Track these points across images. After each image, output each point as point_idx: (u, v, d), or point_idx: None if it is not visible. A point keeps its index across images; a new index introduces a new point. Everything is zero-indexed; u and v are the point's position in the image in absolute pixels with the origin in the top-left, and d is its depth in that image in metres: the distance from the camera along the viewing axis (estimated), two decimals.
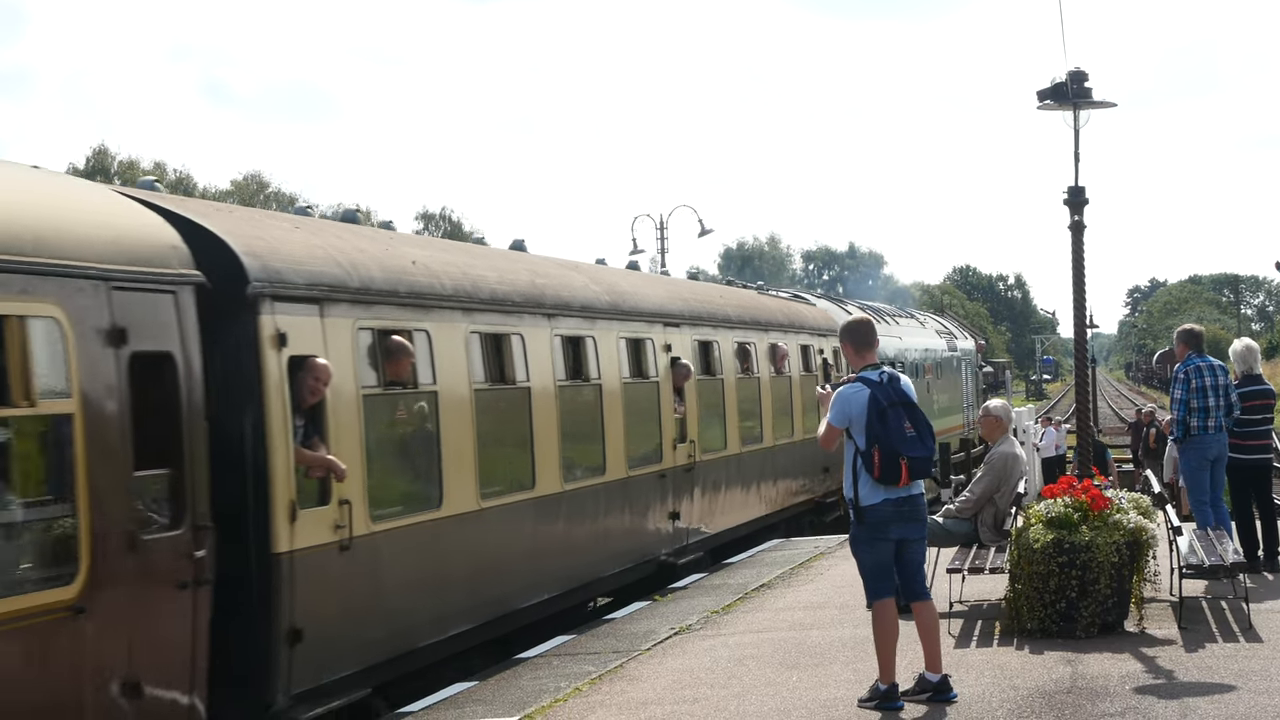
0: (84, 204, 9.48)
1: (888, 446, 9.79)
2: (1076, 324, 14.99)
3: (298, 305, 10.80)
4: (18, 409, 8.00)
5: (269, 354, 10.35)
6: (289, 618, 10.41)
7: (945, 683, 10.10)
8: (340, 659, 11.06)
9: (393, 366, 11.92)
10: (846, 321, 10.56)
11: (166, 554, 9.09)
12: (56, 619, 8.20)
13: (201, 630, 9.37)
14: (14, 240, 8.17)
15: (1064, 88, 14.33)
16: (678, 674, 11.68)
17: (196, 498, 9.35)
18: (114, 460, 8.67)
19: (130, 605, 8.78)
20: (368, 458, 11.37)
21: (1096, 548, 11.84)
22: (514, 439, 14.16)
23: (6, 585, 7.92)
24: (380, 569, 11.55)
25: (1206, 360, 15.04)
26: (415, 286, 12.59)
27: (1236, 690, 10.04)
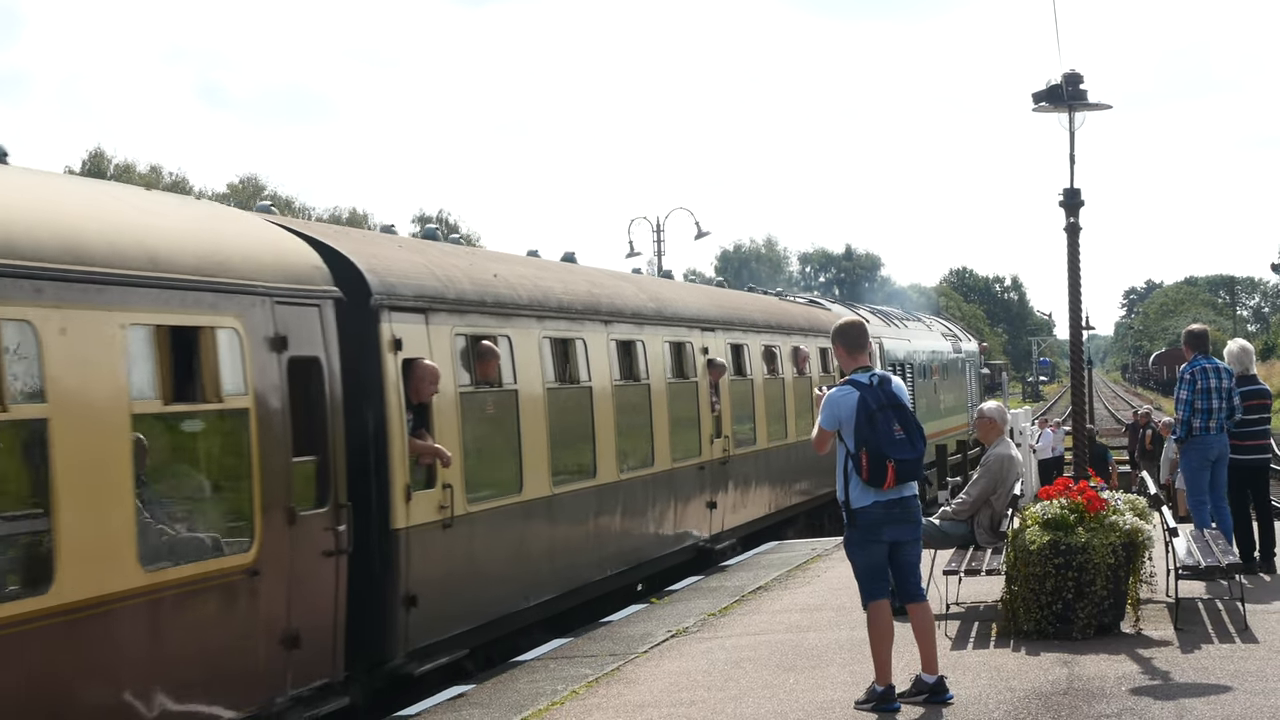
0: (250, 232, 11.28)
1: (875, 449, 9.80)
2: (1072, 326, 14.98)
3: (408, 315, 12.51)
4: (210, 404, 9.90)
5: (387, 357, 12.08)
6: (406, 585, 12.13)
7: (941, 684, 10.11)
8: (445, 623, 12.72)
9: (483, 368, 13.67)
10: (838, 324, 10.53)
11: (316, 528, 10.83)
12: (239, 579, 10.00)
13: (342, 593, 11.13)
14: (206, 265, 10.03)
15: (1059, 90, 14.32)
16: (675, 677, 11.69)
17: (338, 481, 11.10)
18: (279, 448, 10.42)
19: (291, 569, 10.50)
20: (464, 448, 13.00)
21: (1093, 549, 11.84)
22: (579, 433, 15.86)
23: (203, 551, 9.81)
24: (474, 545, 13.24)
25: (1212, 361, 15.08)
26: (499, 297, 14.32)
27: (1232, 691, 10.05)
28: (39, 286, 8.46)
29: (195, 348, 9.81)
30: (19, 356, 8.32)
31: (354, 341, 11.59)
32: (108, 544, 8.82)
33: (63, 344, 8.56)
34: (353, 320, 11.59)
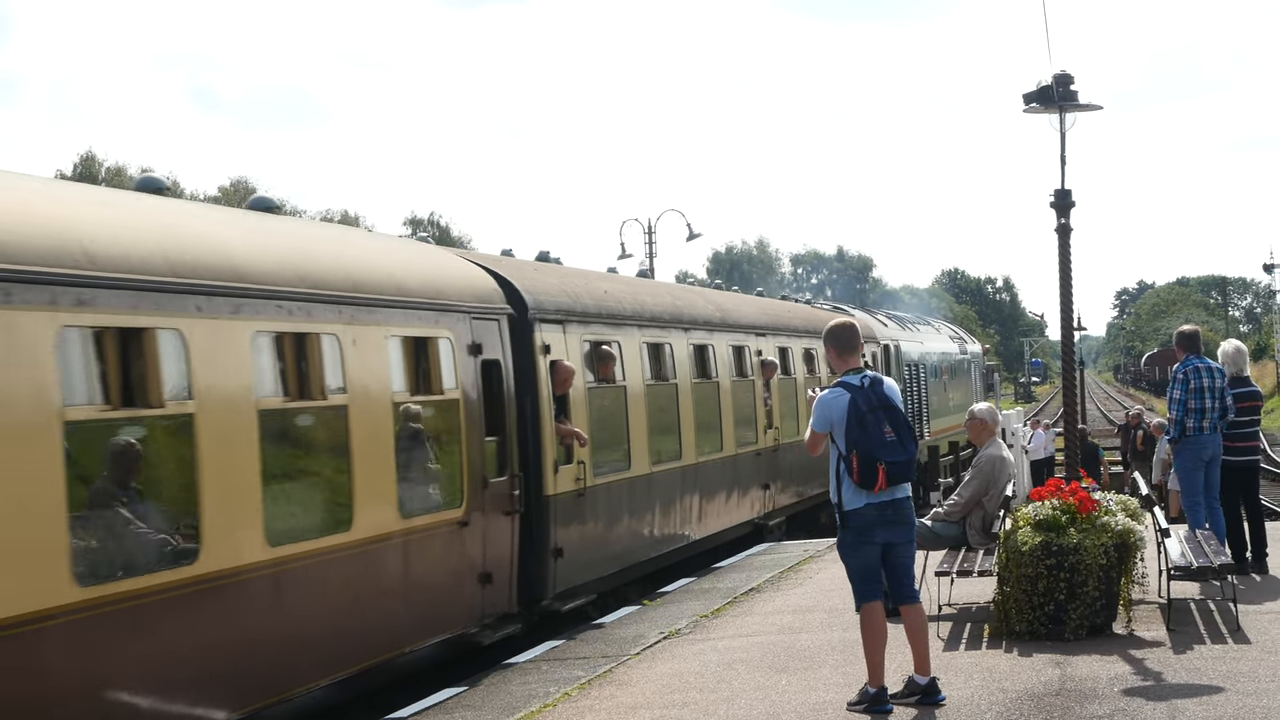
0: (451, 264, 14.78)
1: (865, 451, 9.79)
2: (1064, 327, 15.02)
3: (552, 325, 15.71)
4: (435, 395, 13.19)
5: (540, 359, 15.29)
6: (554, 540, 15.25)
7: (933, 685, 10.10)
8: (580, 571, 15.91)
9: (602, 368, 16.94)
10: (830, 326, 10.45)
11: (500, 492, 14.11)
12: (454, 528, 13.23)
13: (515, 544, 14.37)
14: (429, 290, 13.36)
15: (1049, 91, 14.35)
16: (667, 678, 11.68)
17: (513, 456, 14.45)
18: (477, 429, 13.73)
19: (485, 523, 13.75)
20: (590, 433, 16.05)
21: (1085, 550, 11.85)
22: (668, 423, 19.11)
23: (434, 505, 13.04)
24: (598, 511, 16.53)
25: (1204, 361, 15.09)
26: (611, 310, 17.65)
27: (1224, 692, 10.06)
28: (340, 310, 11.75)
29: (425, 353, 13.08)
30: (331, 360, 11.57)
31: (517, 347, 14.82)
32: (380, 498, 12.04)
33: (355, 351, 11.78)
34: (516, 330, 14.84)
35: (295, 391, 11.23)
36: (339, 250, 12.75)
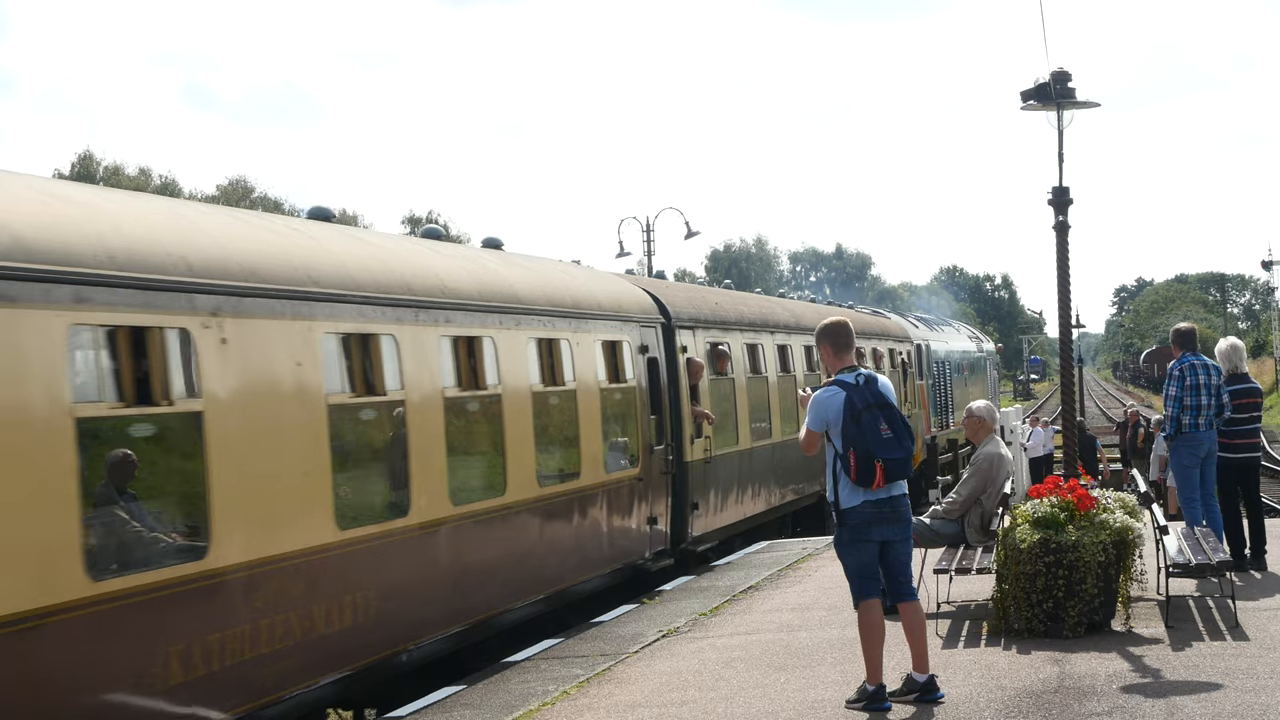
0: (622, 285, 19.55)
1: (862, 449, 9.78)
2: (1062, 324, 15.01)
3: (686, 330, 20.43)
4: (623, 384, 17.83)
5: (679, 356, 19.95)
6: (691, 496, 19.78)
7: (932, 683, 10.10)
8: (708, 523, 20.55)
9: (720, 364, 21.62)
10: (824, 324, 10.37)
11: (659, 457, 18.80)
12: (634, 482, 17.95)
13: (669, 497, 19.06)
14: (614, 304, 18.10)
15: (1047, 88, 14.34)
16: (666, 676, 11.68)
17: (667, 430, 19.12)
18: (645, 409, 18.41)
19: (651, 480, 18.46)
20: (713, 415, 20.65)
21: (1083, 547, 11.85)
22: (762, 408, 23.88)
23: (623, 465, 17.63)
24: (719, 476, 21.08)
25: (1200, 358, 15.10)
26: (722, 317, 22.50)
27: (1223, 689, 10.05)
28: (571, 323, 16.37)
29: (615, 353, 17.66)
30: (566, 358, 16.20)
31: (666, 347, 19.53)
32: (595, 458, 16.68)
33: (578, 351, 16.52)
34: (664, 335, 19.51)
35: (548, 380, 15.79)
36: (567, 280, 17.54)
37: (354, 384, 12.05)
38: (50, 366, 8.64)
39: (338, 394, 11.65)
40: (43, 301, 8.66)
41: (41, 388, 8.58)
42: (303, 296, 11.28)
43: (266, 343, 10.80)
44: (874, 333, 33.47)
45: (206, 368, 10.01)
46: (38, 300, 8.63)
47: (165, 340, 9.69)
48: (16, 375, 8.45)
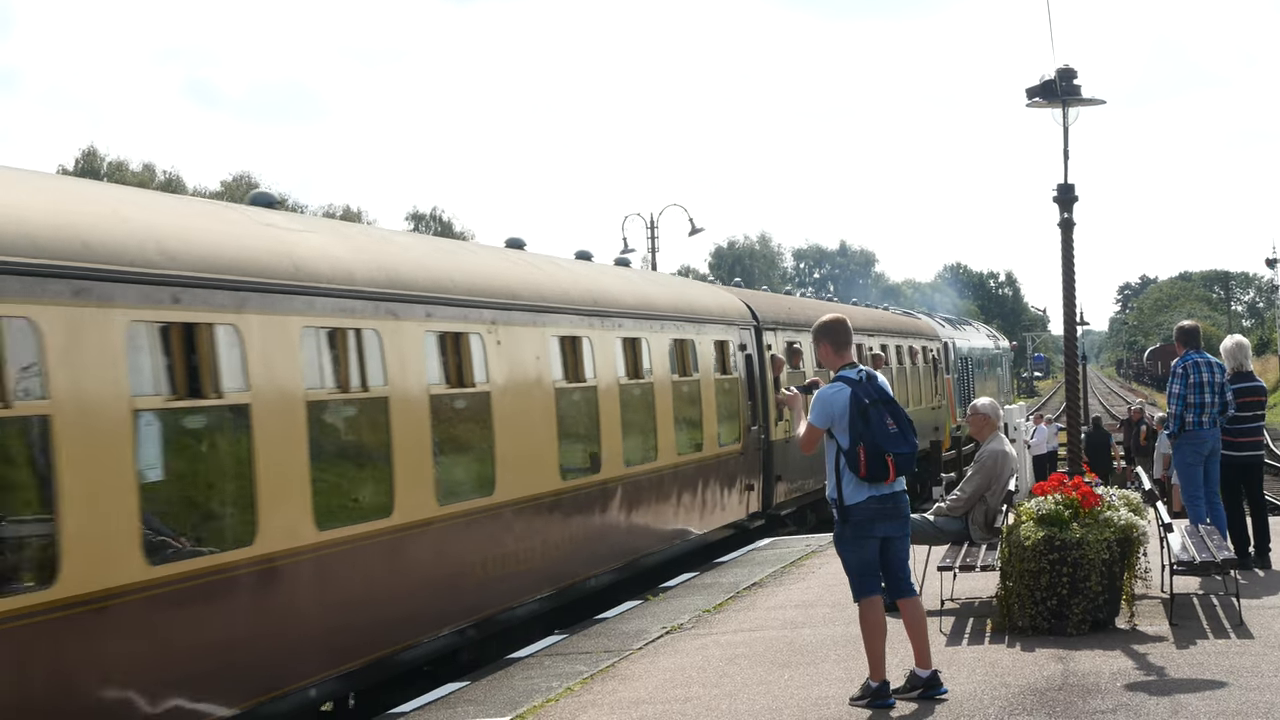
0: (723, 294, 24.07)
1: (872, 444, 9.77)
2: (1067, 321, 14.98)
3: (770, 331, 24.43)
4: (729, 376, 21.75)
5: (766, 353, 23.94)
6: (774, 469, 23.55)
7: (935, 678, 10.10)
8: (787, 493, 24.33)
9: (794, 359, 25.50)
10: (824, 321, 10.32)
11: (755, 435, 22.74)
12: (736, 456, 21.81)
13: (760, 469, 22.98)
14: (719, 310, 22.15)
15: (1052, 85, 14.32)
16: (669, 673, 11.68)
17: (759, 414, 22.94)
18: (744, 397, 22.33)
19: (747, 454, 22.18)
20: None
21: (1087, 545, 11.84)
22: None
23: (731, 440, 21.47)
24: (794, 454, 23.43)
25: (1204, 356, 15.08)
26: (796, 319, 26.39)
27: (1227, 686, 10.05)
28: (697, 327, 20.70)
29: (724, 350, 21.83)
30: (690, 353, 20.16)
31: (757, 345, 23.58)
32: (713, 434, 20.85)
33: (701, 349, 20.63)
34: (754, 335, 23.53)
35: (681, 372, 19.77)
36: (689, 292, 22.54)
37: (568, 373, 16.14)
38: (419, 361, 12.86)
39: (559, 380, 15.85)
40: (419, 318, 13.00)
41: (415, 375, 12.75)
42: (539, 309, 15.55)
43: (520, 344, 14.89)
44: (908, 332, 38.06)
45: (491, 361, 14.21)
46: (418, 317, 12.98)
47: (470, 342, 13.89)
48: (401, 366, 12.56)
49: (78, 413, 8.93)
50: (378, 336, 12.21)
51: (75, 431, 8.87)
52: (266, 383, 10.63)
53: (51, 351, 8.74)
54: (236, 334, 10.42)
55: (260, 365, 10.59)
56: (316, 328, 11.43)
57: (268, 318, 10.78)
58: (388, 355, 12.30)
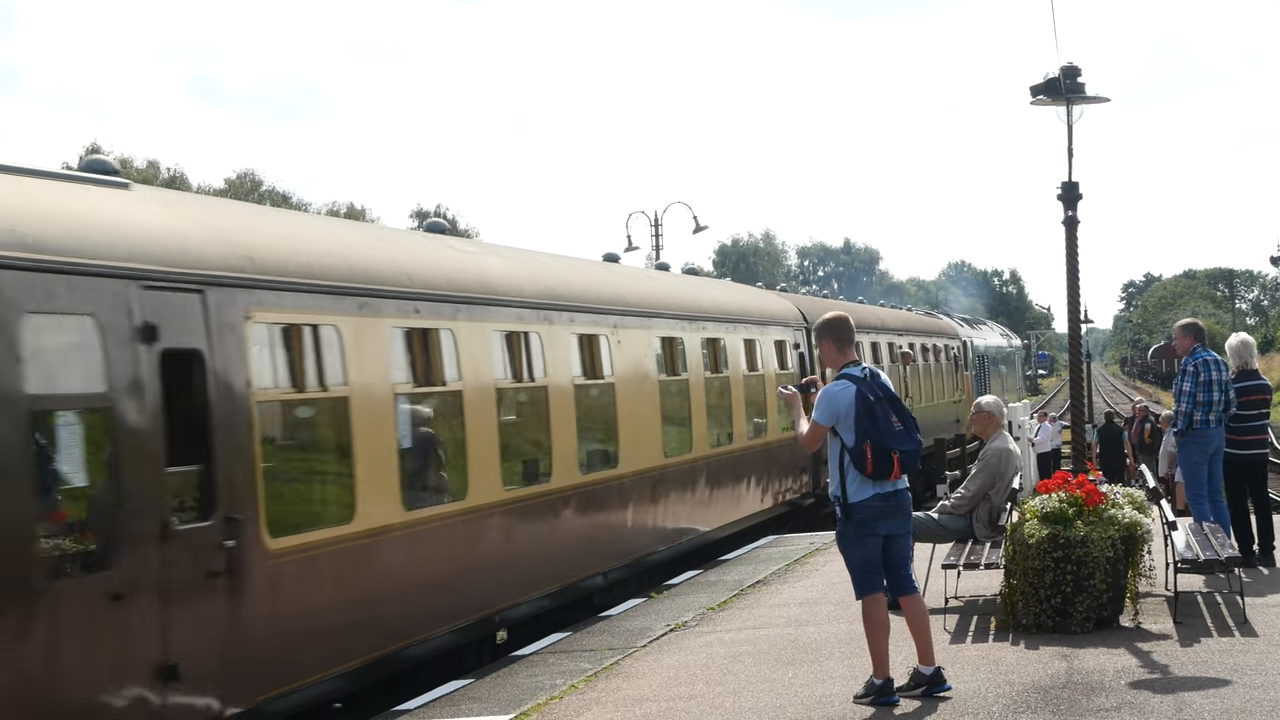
0: (779, 299, 26.96)
1: (879, 441, 9.77)
2: (1071, 319, 15.00)
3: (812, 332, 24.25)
4: (785, 370, 24.56)
5: (815, 351, 24.63)
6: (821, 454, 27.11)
7: (939, 675, 10.09)
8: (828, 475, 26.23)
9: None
10: (827, 319, 10.31)
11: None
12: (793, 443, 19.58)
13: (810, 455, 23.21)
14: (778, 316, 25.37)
15: (1057, 83, 14.35)
16: (673, 671, 11.68)
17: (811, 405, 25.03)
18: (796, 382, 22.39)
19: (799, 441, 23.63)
20: None
21: (1091, 543, 11.83)
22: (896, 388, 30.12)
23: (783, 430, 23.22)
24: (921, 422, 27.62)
25: (1211, 355, 15.04)
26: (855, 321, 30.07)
27: (1232, 685, 10.03)
28: (762, 329, 23.75)
29: (782, 349, 24.52)
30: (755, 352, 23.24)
31: (808, 343, 25.70)
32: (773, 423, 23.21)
33: (762, 348, 23.49)
34: (805, 335, 25.77)
35: (750, 367, 22.93)
36: (755, 299, 25.84)
37: (669, 368, 19.39)
38: (566, 357, 16.09)
39: (662, 375, 18.92)
40: (566, 323, 16.15)
41: (564, 369, 15.98)
42: (647, 315, 18.77)
43: (634, 343, 18.08)
44: (933, 331, 41.51)
45: (614, 358, 17.31)
46: (566, 323, 16.16)
47: (599, 342, 17.04)
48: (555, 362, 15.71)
49: (364, 396, 11.97)
50: (539, 338, 15.40)
51: (363, 410, 11.88)
52: (472, 375, 13.81)
53: (349, 349, 11.77)
54: (453, 337, 13.52)
55: (468, 361, 13.76)
56: (501, 331, 14.62)
57: (472, 324, 13.97)
58: (547, 353, 15.51)
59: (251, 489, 10.41)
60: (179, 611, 9.58)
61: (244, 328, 10.57)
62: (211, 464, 10.06)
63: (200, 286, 10.19)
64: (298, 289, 11.35)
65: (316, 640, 11.15)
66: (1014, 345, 65.66)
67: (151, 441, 9.55)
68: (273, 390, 11.01)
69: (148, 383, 9.54)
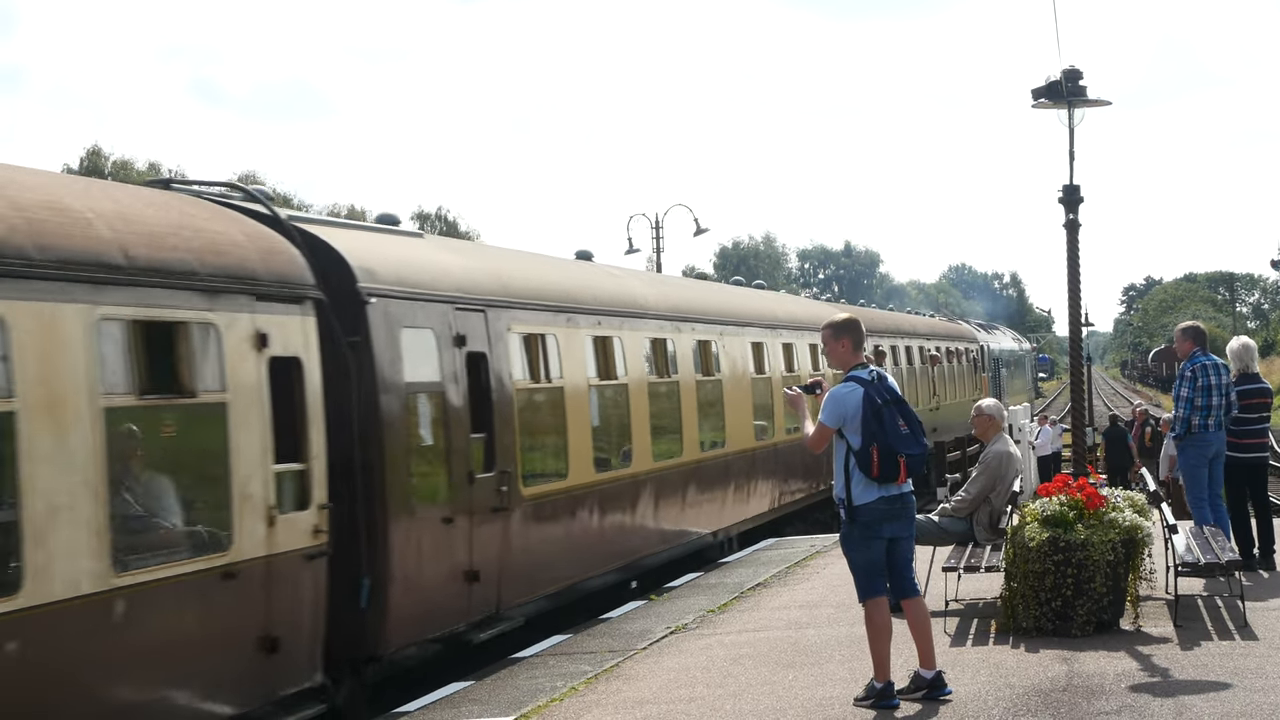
0: (813, 305, 33.16)
1: (885, 445, 9.75)
2: (1072, 322, 14.95)
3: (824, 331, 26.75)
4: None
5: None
6: None
7: (940, 679, 10.09)
8: None
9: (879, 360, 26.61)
10: (846, 319, 10.29)
11: None
12: None
13: None
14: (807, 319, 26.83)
15: (1058, 86, 14.31)
16: (674, 673, 11.68)
17: None
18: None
19: None
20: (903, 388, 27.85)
21: (1092, 546, 11.83)
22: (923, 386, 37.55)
23: None
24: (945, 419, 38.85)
25: (1211, 358, 15.03)
26: (875, 327, 30.76)
27: (1232, 688, 10.04)
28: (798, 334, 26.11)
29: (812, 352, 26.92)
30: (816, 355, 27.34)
31: None
32: None
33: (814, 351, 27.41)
34: None
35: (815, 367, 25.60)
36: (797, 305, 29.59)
37: (755, 367, 23.31)
38: (690, 358, 20.24)
39: (751, 373, 23.05)
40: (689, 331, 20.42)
41: (689, 368, 20.10)
42: (742, 324, 23.19)
43: (733, 348, 22.37)
44: (954, 336, 46.01)
45: (721, 359, 21.64)
46: (688, 331, 20.51)
47: (711, 346, 21.19)
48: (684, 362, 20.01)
49: (573, 386, 16.14)
50: (672, 343, 19.62)
51: (573, 398, 16.11)
52: (633, 372, 18.07)
53: (562, 352, 15.93)
54: (621, 343, 17.67)
55: (631, 361, 17.97)
56: (649, 338, 18.79)
57: (630, 333, 18.12)
58: (678, 355, 19.77)
59: (513, 452, 14.32)
60: (479, 531, 13.53)
61: (507, 336, 14.63)
62: (492, 433, 13.95)
63: (483, 308, 14.21)
64: (534, 308, 15.54)
65: (549, 561, 15.15)
66: (1024, 348, 70.78)
67: (462, 415, 13.46)
68: (523, 381, 14.97)
69: (460, 374, 13.47)
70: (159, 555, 9.58)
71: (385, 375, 12.31)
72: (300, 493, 10.98)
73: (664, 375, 19.32)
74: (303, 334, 11.15)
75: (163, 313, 9.74)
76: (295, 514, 10.85)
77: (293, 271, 11.22)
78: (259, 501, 10.42)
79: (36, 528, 8.37)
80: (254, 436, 10.41)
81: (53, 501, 8.52)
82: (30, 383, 8.44)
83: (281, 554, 10.64)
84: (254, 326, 10.52)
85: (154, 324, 9.69)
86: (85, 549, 8.71)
